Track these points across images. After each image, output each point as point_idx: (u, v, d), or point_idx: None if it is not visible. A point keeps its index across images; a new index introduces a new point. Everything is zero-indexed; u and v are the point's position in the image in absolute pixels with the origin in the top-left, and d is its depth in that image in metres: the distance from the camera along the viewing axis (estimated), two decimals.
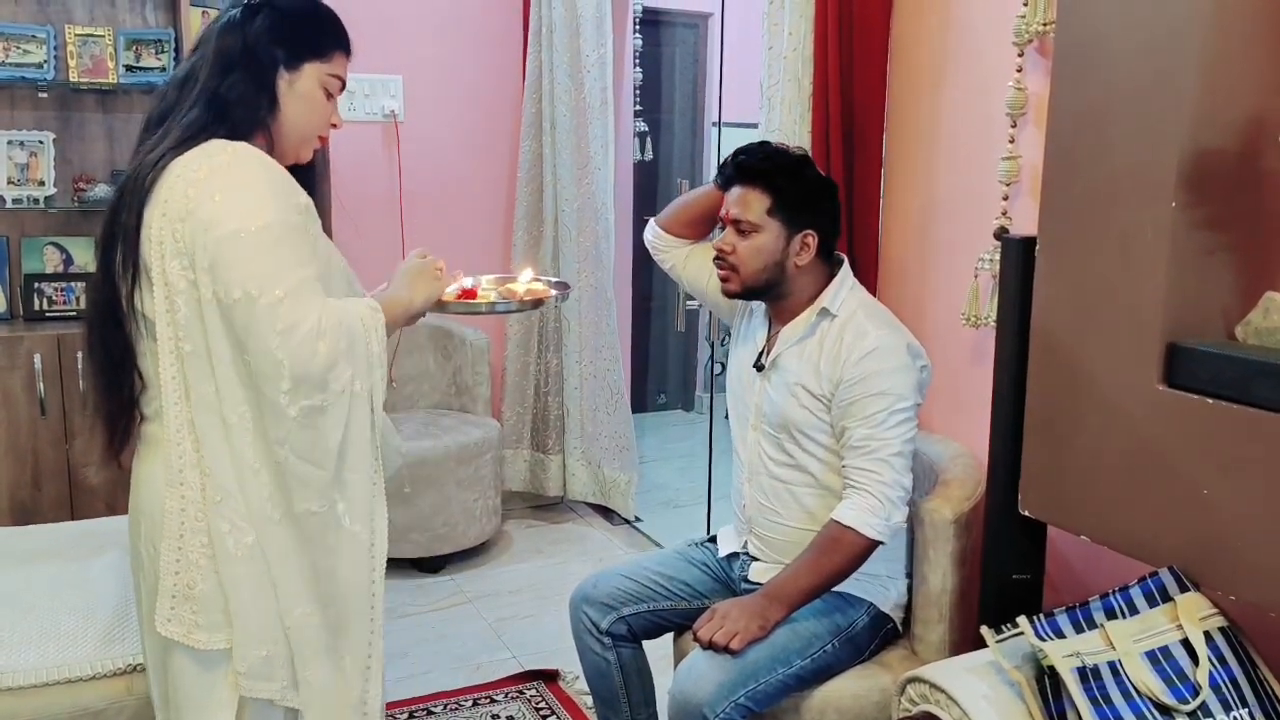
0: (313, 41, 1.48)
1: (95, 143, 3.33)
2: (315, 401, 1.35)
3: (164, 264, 1.35)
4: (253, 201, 1.34)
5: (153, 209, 1.37)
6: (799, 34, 2.35)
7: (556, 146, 3.66)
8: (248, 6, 1.45)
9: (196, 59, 1.46)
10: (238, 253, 1.32)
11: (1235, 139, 1.45)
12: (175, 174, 1.37)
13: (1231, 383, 1.39)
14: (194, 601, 1.41)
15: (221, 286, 1.32)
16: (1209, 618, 1.48)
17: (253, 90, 1.44)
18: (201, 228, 1.32)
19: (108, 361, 1.45)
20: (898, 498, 1.85)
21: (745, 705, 1.75)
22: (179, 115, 1.42)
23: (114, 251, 1.41)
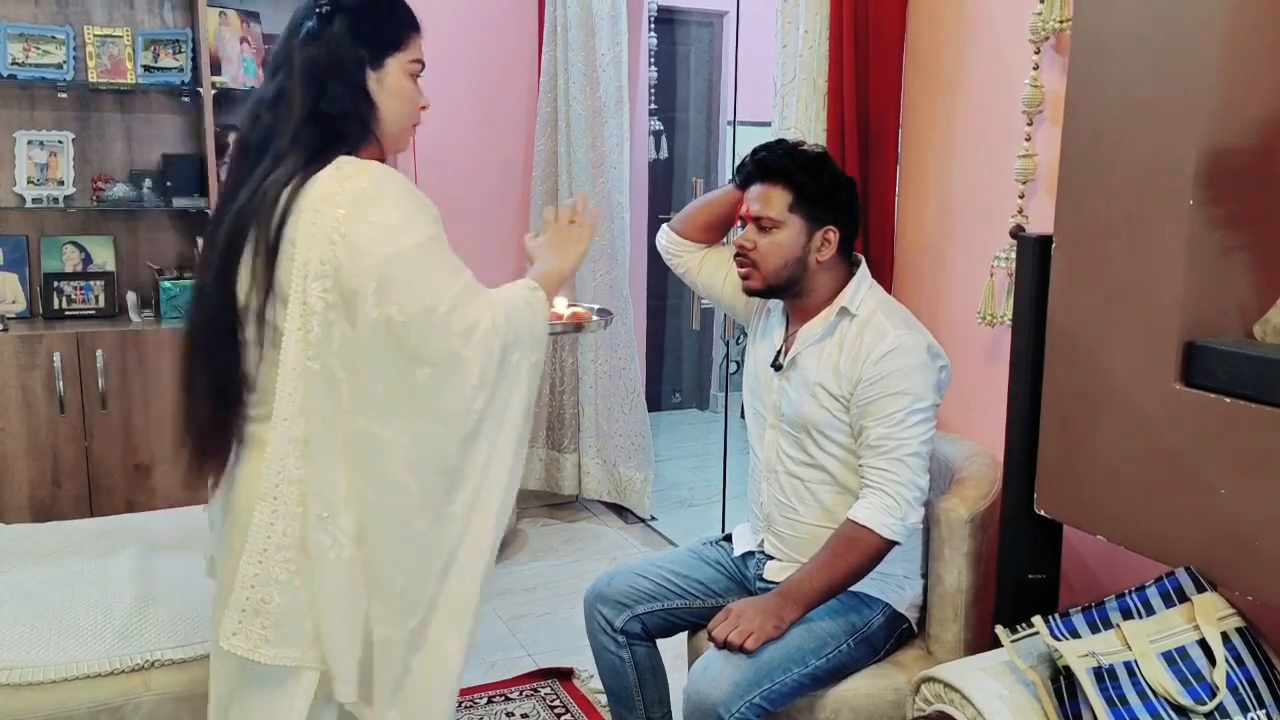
0: (390, 34, 1.48)
1: (114, 142, 3.36)
2: (492, 391, 1.43)
3: (305, 284, 1.36)
4: (405, 220, 1.38)
5: (296, 229, 1.37)
6: (814, 32, 2.34)
7: (571, 145, 3.66)
8: (319, 15, 1.44)
9: (282, 77, 1.44)
10: (407, 270, 1.35)
11: (1253, 137, 1.44)
12: (316, 195, 1.37)
13: (1249, 382, 1.38)
14: (266, 616, 1.42)
15: (394, 305, 1.35)
16: (1226, 618, 1.47)
17: (351, 99, 1.44)
18: (360, 251, 1.34)
19: (218, 369, 1.46)
20: (914, 498, 1.85)
21: (760, 705, 1.75)
22: (286, 137, 1.41)
23: (236, 265, 1.42)
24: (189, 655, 1.92)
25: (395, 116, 1.50)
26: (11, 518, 2.91)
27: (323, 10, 1.44)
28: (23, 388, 2.99)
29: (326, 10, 1.44)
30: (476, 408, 1.42)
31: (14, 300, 3.25)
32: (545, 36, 3.69)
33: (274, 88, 1.44)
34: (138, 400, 3.12)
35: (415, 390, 1.39)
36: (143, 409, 3.13)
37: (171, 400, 3.14)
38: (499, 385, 1.44)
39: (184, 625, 1.98)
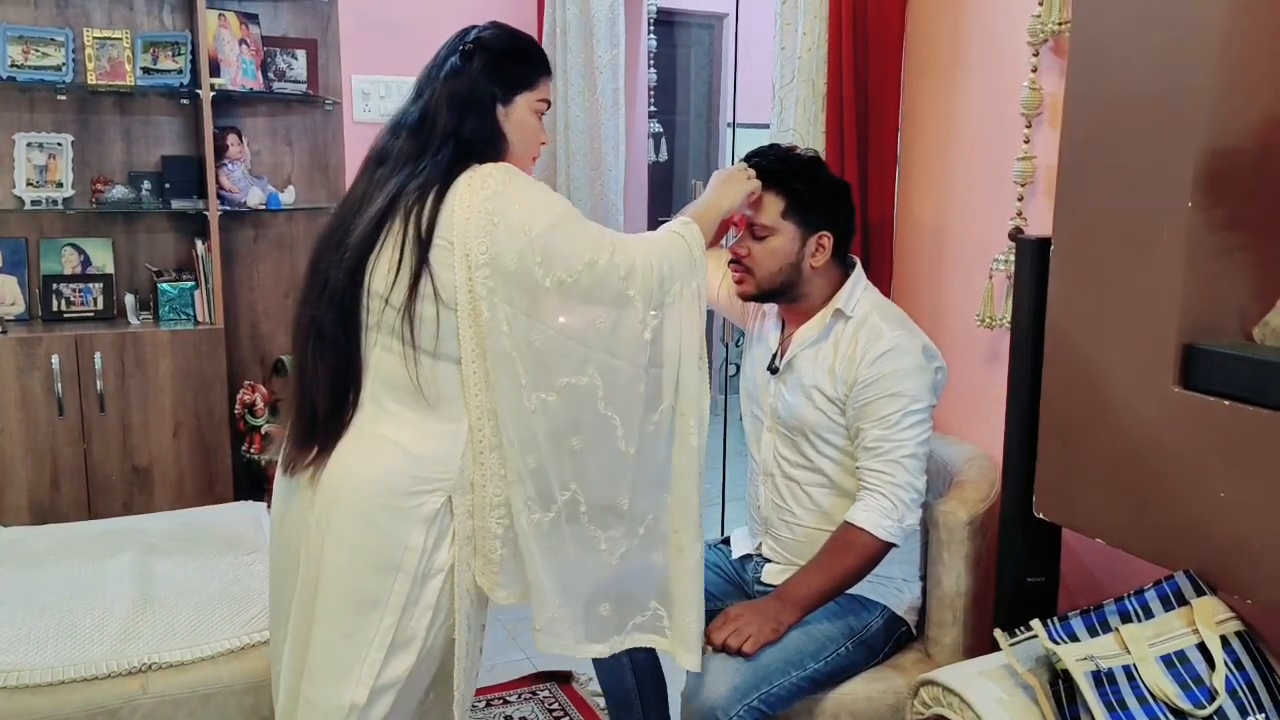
0: (521, 75, 1.66)
1: (113, 144, 3.36)
2: (659, 318, 1.61)
3: (470, 274, 1.52)
4: (546, 197, 1.58)
5: (451, 226, 1.53)
6: (813, 34, 2.34)
7: (570, 148, 3.66)
8: (463, 52, 1.63)
9: (427, 103, 1.61)
10: (564, 236, 1.55)
11: (1252, 139, 1.44)
12: (462, 196, 1.54)
13: (1249, 384, 1.37)
14: (493, 565, 1.61)
15: (562, 268, 1.54)
16: (1225, 622, 1.47)
17: (488, 129, 1.62)
18: (519, 231, 1.52)
19: (340, 369, 1.60)
20: (911, 500, 1.84)
21: (758, 708, 1.75)
22: (429, 154, 1.58)
23: (366, 263, 1.56)
24: (187, 658, 1.92)
25: (519, 150, 1.66)
26: (10, 520, 2.91)
27: (467, 48, 1.63)
28: (21, 390, 2.98)
29: (470, 49, 1.63)
30: (647, 336, 1.60)
31: (13, 302, 3.24)
32: (544, 39, 3.68)
33: (418, 111, 1.62)
34: (136, 402, 3.11)
35: (597, 334, 1.57)
36: (141, 411, 3.12)
37: (170, 402, 3.15)
38: (666, 313, 1.62)
39: (183, 628, 1.98)
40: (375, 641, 1.56)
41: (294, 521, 1.65)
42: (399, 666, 1.58)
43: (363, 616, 1.56)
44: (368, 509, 1.56)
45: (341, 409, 1.60)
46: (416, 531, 1.57)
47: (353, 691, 1.56)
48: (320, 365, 1.60)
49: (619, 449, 1.61)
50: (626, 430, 1.61)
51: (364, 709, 1.57)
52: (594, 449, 1.61)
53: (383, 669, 1.57)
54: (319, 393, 1.61)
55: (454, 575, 1.61)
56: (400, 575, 1.56)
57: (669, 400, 1.66)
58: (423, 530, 1.57)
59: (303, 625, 1.61)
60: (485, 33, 1.66)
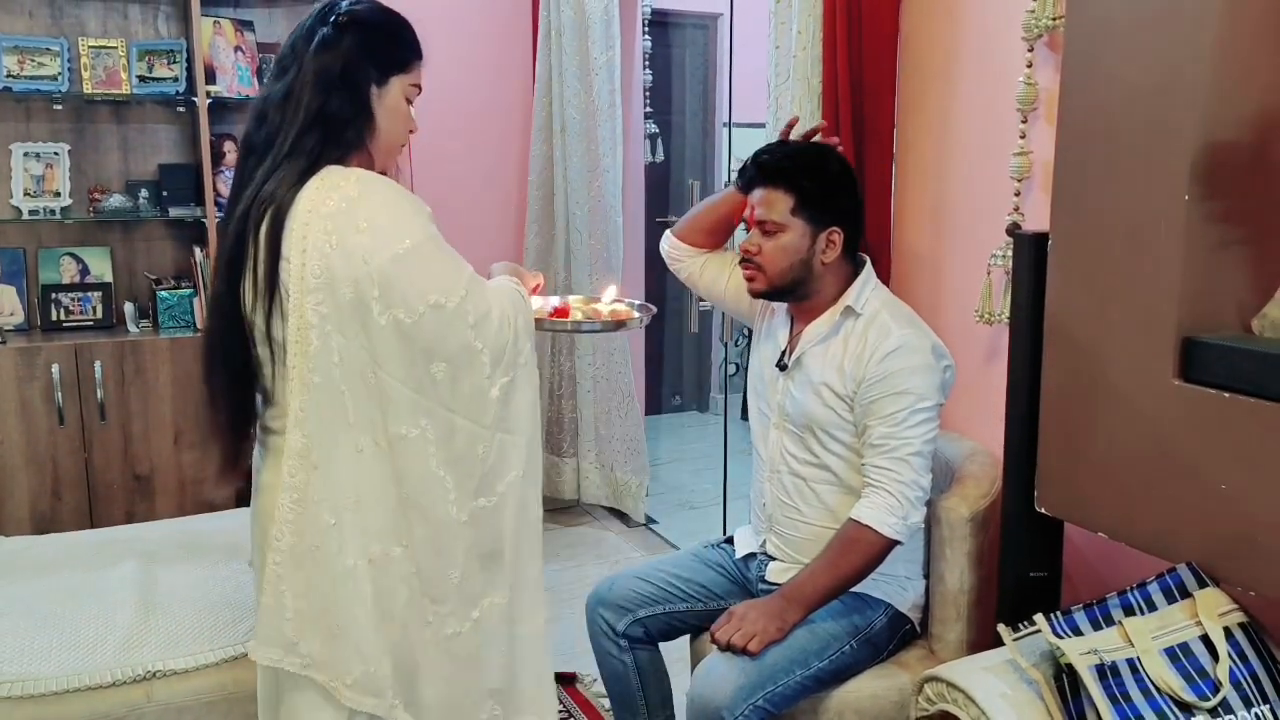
0: (397, 55, 1.54)
1: (110, 153, 3.36)
2: (509, 377, 1.50)
3: (302, 298, 1.40)
4: (400, 222, 1.42)
5: (290, 243, 1.40)
6: (808, 33, 2.34)
7: (567, 149, 3.66)
8: (336, 25, 1.49)
9: (293, 79, 1.47)
10: (410, 271, 1.40)
11: (1248, 132, 1.44)
12: (305, 209, 1.41)
13: (1248, 376, 1.37)
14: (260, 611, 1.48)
15: (401, 307, 1.39)
16: (1228, 613, 1.47)
17: (355, 109, 1.49)
18: (359, 259, 1.38)
19: (231, 380, 1.51)
20: (916, 497, 1.85)
21: (763, 707, 1.75)
22: (288, 138, 1.45)
23: (241, 276, 1.46)
24: (191, 665, 1.92)
25: (389, 135, 1.54)
26: (11, 530, 2.91)
27: (340, 20, 1.49)
28: (21, 400, 2.98)
29: (343, 21, 1.49)
30: (494, 395, 1.47)
31: (11, 312, 3.24)
32: (539, 41, 3.69)
33: (282, 88, 1.48)
34: (137, 410, 3.11)
35: (434, 386, 1.44)
36: (142, 419, 3.12)
37: (171, 410, 3.15)
38: (516, 374, 1.50)
39: (186, 636, 1.98)
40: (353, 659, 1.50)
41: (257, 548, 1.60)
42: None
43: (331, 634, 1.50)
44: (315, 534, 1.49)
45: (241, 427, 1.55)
46: None
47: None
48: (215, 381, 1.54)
49: (449, 513, 1.48)
50: (459, 495, 1.48)
51: None
52: (421, 510, 1.47)
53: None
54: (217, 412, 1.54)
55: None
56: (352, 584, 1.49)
57: (518, 470, 1.53)
58: None
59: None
60: (359, 6, 1.52)
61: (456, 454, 1.47)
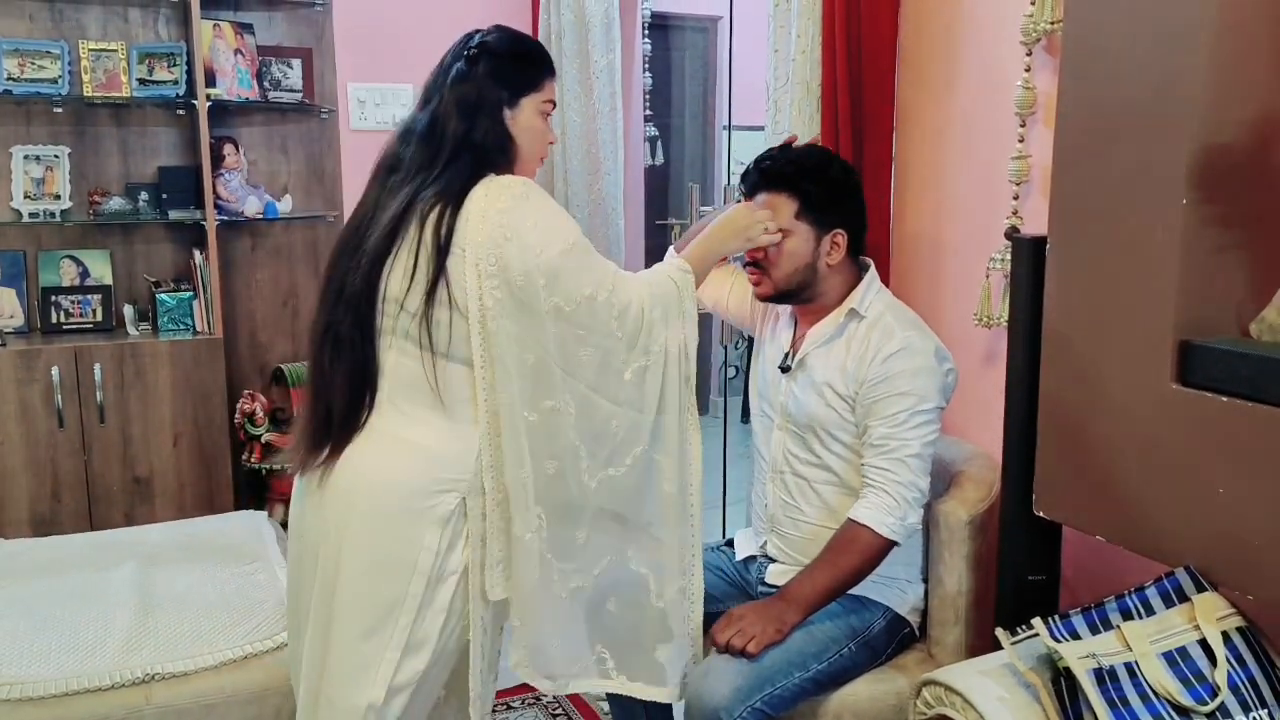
0: (527, 77, 1.68)
1: (109, 156, 3.37)
2: (642, 362, 1.65)
3: (480, 283, 1.54)
4: (562, 222, 1.59)
5: (465, 234, 1.55)
6: (807, 36, 2.35)
7: (567, 152, 3.66)
8: (469, 56, 1.65)
9: (435, 110, 1.63)
10: (573, 265, 1.57)
11: (1246, 136, 1.44)
12: (479, 207, 1.56)
13: (1246, 380, 1.37)
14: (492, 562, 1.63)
15: (562, 296, 1.56)
16: (1226, 618, 1.47)
17: (497, 133, 1.64)
18: (531, 251, 1.54)
19: (356, 373, 1.62)
20: (914, 499, 1.85)
21: (762, 710, 1.75)
22: (440, 160, 1.60)
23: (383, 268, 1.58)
24: (191, 668, 1.92)
25: (527, 151, 1.69)
26: (11, 532, 2.91)
27: (471, 53, 1.65)
28: (21, 402, 2.99)
29: (474, 53, 1.65)
30: (628, 377, 1.63)
31: (11, 315, 3.25)
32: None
33: (427, 117, 1.64)
34: (136, 413, 3.12)
35: (581, 366, 1.60)
36: (141, 422, 3.13)
37: (170, 412, 3.16)
38: (650, 359, 1.65)
39: (185, 638, 1.98)
40: (392, 642, 1.59)
41: (311, 524, 1.66)
42: (413, 668, 1.61)
43: (381, 618, 1.58)
44: (386, 511, 1.59)
45: (357, 411, 1.62)
46: (431, 532, 1.59)
47: (370, 692, 1.59)
48: (337, 369, 1.62)
49: (581, 481, 1.64)
50: (591, 464, 1.64)
51: (381, 708, 1.59)
52: (560, 476, 1.63)
53: (398, 670, 1.59)
54: (335, 395, 1.63)
55: (467, 578, 1.62)
56: (415, 576, 1.59)
57: (644, 445, 1.68)
58: (437, 531, 1.59)
59: (322, 626, 1.63)
60: (489, 37, 1.68)
61: (593, 428, 1.63)
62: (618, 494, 1.68)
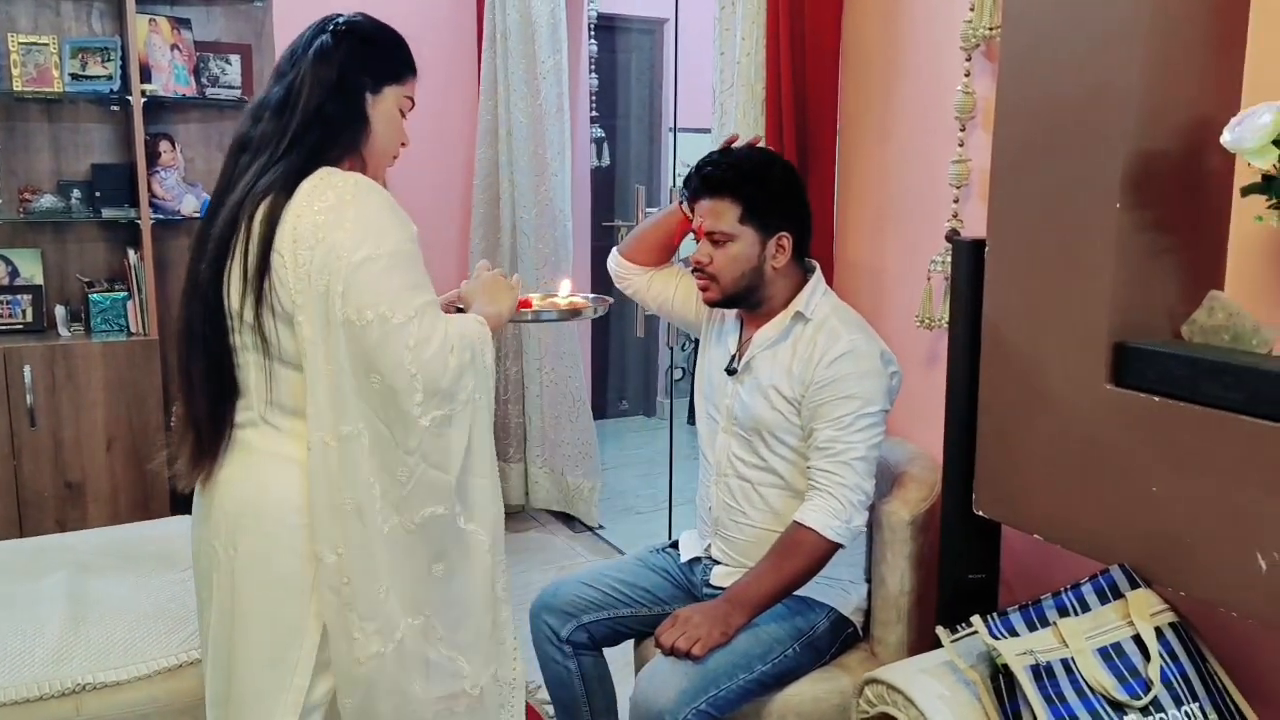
0: (391, 67, 1.60)
1: (40, 153, 3.28)
2: (445, 411, 1.47)
3: (291, 287, 1.44)
4: (380, 229, 1.45)
5: (282, 234, 1.44)
6: (751, 39, 2.36)
7: (513, 153, 3.64)
8: (334, 34, 1.55)
9: (291, 82, 1.53)
10: (370, 277, 1.42)
11: (1178, 141, 1.47)
12: (301, 203, 1.45)
13: (1178, 381, 1.40)
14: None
15: (353, 309, 1.42)
16: (1160, 614, 1.50)
17: (353, 113, 1.55)
18: (335, 254, 1.42)
19: (210, 366, 1.52)
20: (859, 501, 1.86)
21: (707, 711, 1.75)
22: (286, 135, 1.50)
23: (225, 268, 1.48)
24: (122, 678, 1.87)
25: (382, 143, 1.60)
26: None
27: (337, 29, 1.56)
28: None
29: (341, 30, 1.56)
30: (424, 424, 1.45)
31: None
32: (485, 45, 3.67)
33: (281, 91, 1.54)
34: (68, 416, 3.04)
35: (370, 394, 1.45)
36: (73, 425, 3.05)
37: (104, 415, 3.08)
38: (454, 409, 1.49)
39: (117, 648, 1.93)
40: (299, 667, 1.51)
41: (203, 546, 1.58)
42: (324, 688, 1.54)
43: (284, 643, 1.51)
44: (274, 532, 1.50)
45: (220, 416, 1.53)
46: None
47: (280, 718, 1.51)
48: (194, 367, 1.53)
49: (375, 521, 1.47)
50: (384, 505, 1.47)
51: None
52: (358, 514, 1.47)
53: (309, 693, 1.52)
54: (197, 400, 1.54)
55: None
56: (314, 595, 1.50)
57: (443, 506, 1.51)
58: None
59: (223, 653, 1.55)
60: (356, 18, 1.60)
61: (384, 464, 1.47)
62: (407, 553, 1.51)
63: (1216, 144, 1.35)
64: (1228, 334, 1.45)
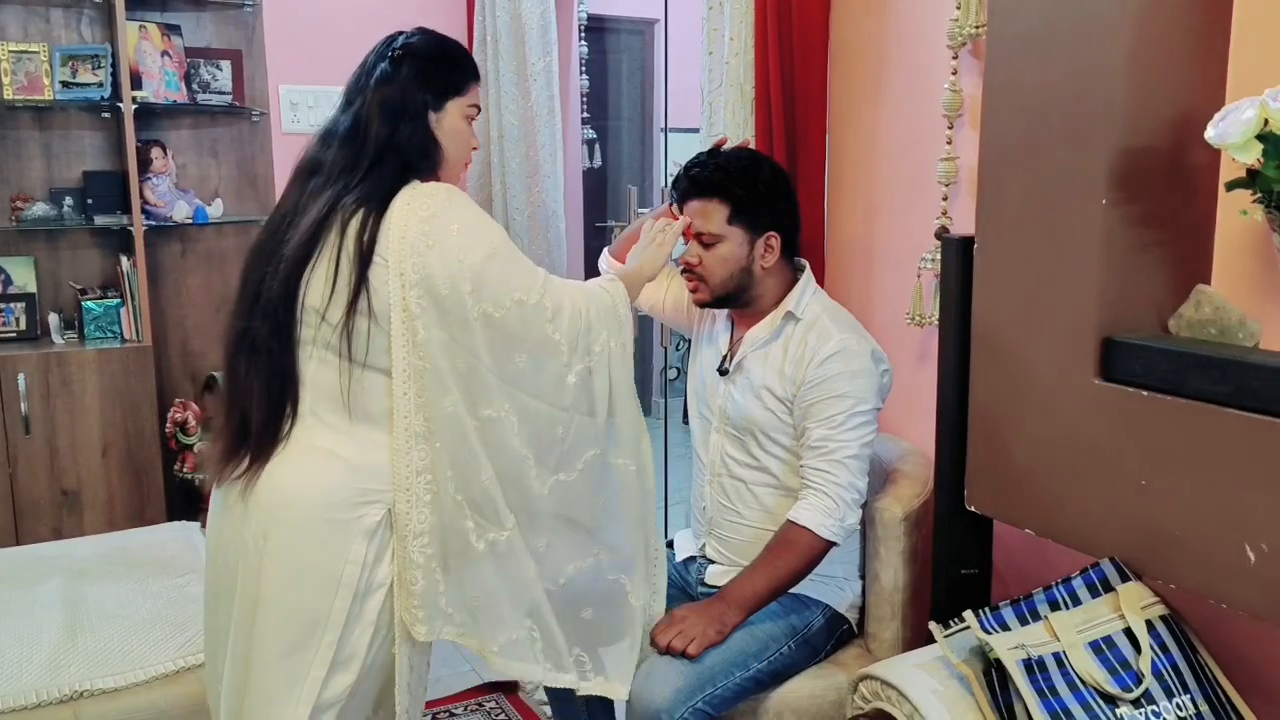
0: (451, 80, 1.65)
1: (32, 161, 3.28)
2: (586, 364, 1.62)
3: (404, 292, 1.51)
4: (486, 227, 1.57)
5: (387, 243, 1.51)
6: (740, 39, 2.36)
7: (505, 155, 3.64)
8: (392, 59, 1.61)
9: (358, 112, 1.59)
10: (498, 270, 1.54)
11: (1163, 137, 1.48)
12: (400, 213, 1.53)
13: (1165, 375, 1.41)
14: (412, 596, 1.57)
15: (489, 303, 1.53)
16: (1150, 606, 1.51)
17: (421, 137, 1.61)
18: (454, 257, 1.51)
19: (274, 384, 1.57)
20: (852, 500, 1.87)
21: (703, 710, 1.75)
22: (363, 164, 1.56)
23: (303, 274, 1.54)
24: (120, 684, 1.88)
25: (452, 156, 1.66)
26: None
27: (396, 55, 1.62)
28: None
29: (399, 55, 1.62)
30: (571, 380, 1.61)
31: None
32: (475, 46, 3.67)
33: (349, 120, 1.60)
34: (63, 424, 3.04)
35: (518, 373, 1.57)
36: (68, 433, 3.05)
37: (99, 422, 3.08)
38: (594, 361, 1.63)
39: (115, 653, 1.94)
40: (317, 659, 1.54)
41: (229, 538, 1.61)
42: (340, 684, 1.57)
43: (304, 634, 1.54)
44: (308, 524, 1.54)
45: (278, 421, 1.57)
46: (357, 545, 1.55)
47: (294, 711, 1.54)
48: (254, 377, 1.57)
49: (532, 487, 1.62)
50: (540, 470, 1.62)
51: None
52: (509, 483, 1.61)
53: (324, 687, 1.55)
54: (253, 405, 1.58)
55: (394, 591, 1.59)
56: (341, 591, 1.54)
57: (597, 447, 1.67)
58: (364, 544, 1.55)
59: (242, 644, 1.58)
60: (414, 39, 1.65)
61: (538, 434, 1.60)
62: (571, 499, 1.66)
63: (1201, 139, 1.35)
64: (1215, 328, 1.46)
